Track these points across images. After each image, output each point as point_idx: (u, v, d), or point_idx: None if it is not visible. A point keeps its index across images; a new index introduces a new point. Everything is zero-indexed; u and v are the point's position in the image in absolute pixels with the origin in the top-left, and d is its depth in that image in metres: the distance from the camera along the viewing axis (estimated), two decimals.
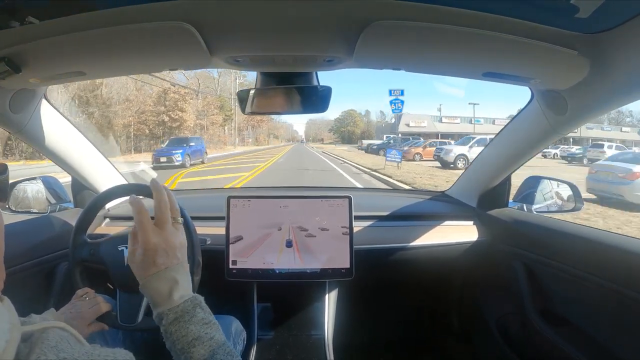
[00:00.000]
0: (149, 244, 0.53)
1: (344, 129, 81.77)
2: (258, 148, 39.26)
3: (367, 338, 1.62)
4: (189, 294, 0.54)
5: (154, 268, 0.53)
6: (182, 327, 0.51)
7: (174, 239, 0.55)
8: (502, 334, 1.25)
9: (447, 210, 1.38)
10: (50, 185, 1.26)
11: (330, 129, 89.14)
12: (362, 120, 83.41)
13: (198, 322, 0.52)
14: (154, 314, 0.54)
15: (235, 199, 1.12)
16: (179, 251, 0.56)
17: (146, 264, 0.53)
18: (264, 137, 57.44)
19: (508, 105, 78.38)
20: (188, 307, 0.53)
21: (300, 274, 1.10)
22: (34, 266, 1.00)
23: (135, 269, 0.55)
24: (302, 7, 0.56)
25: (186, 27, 0.58)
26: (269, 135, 64.30)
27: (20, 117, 0.91)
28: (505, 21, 0.57)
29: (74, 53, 0.67)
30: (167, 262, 0.54)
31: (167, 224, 0.55)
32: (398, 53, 0.71)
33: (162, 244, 0.54)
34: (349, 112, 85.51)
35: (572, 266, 0.93)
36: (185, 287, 0.55)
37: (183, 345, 0.51)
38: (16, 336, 0.32)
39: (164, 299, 0.53)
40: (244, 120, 43.29)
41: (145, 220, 0.54)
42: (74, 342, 0.37)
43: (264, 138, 57.29)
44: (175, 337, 0.51)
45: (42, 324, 0.37)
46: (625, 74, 0.63)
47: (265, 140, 57.92)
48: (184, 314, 0.52)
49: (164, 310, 0.52)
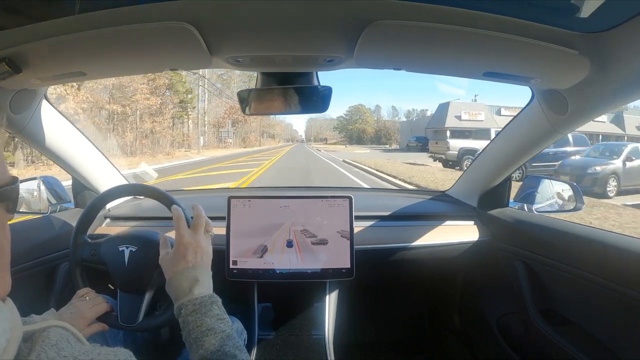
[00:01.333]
0: (182, 239, 0.64)
1: (351, 127, 74.67)
2: (240, 152, 28.47)
3: (367, 338, 1.62)
4: (208, 292, 0.62)
5: (183, 263, 0.62)
6: (198, 318, 0.57)
7: (204, 244, 0.66)
8: (502, 333, 1.25)
9: (447, 210, 1.38)
10: (50, 185, 1.26)
11: (335, 127, 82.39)
12: (372, 117, 76.70)
13: (213, 316, 0.58)
14: (174, 307, 0.60)
15: (236, 199, 1.12)
16: (206, 255, 0.66)
17: (176, 259, 0.63)
18: (254, 136, 46.49)
19: None
20: (206, 302, 0.59)
21: (301, 274, 1.10)
22: (35, 266, 1.00)
23: (165, 267, 0.64)
24: (302, 7, 0.56)
25: (186, 27, 0.58)
26: (262, 135, 53.22)
27: (20, 118, 0.91)
28: (505, 21, 0.57)
29: (75, 53, 0.67)
30: (194, 261, 0.63)
31: (200, 229, 0.67)
32: (398, 53, 0.71)
33: (193, 244, 0.64)
34: (357, 108, 77.83)
35: (573, 266, 0.93)
36: (206, 287, 0.62)
37: (197, 334, 0.56)
38: (17, 335, 0.32)
39: (185, 293, 0.60)
40: (221, 114, 34.16)
41: (183, 222, 0.67)
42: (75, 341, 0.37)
43: (254, 138, 46.12)
44: (191, 326, 0.57)
45: (43, 323, 0.37)
46: (626, 73, 0.63)
47: (257, 140, 46.90)
48: (201, 307, 0.58)
49: (184, 302, 0.59)
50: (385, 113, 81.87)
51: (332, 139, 79.22)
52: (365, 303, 1.51)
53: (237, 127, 38.82)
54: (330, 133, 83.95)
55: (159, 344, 1.06)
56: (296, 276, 1.10)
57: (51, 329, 0.36)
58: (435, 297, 1.65)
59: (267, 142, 58.50)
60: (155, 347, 1.03)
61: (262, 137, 54.19)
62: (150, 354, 1.02)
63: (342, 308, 1.23)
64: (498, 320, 1.28)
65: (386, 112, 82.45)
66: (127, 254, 0.87)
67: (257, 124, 45.42)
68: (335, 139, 77.36)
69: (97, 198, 0.94)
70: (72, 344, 0.36)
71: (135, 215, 1.29)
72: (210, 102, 33.92)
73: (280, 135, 75.46)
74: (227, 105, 34.88)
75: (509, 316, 1.23)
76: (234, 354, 0.54)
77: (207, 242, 0.68)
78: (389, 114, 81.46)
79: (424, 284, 1.58)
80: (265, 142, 57.16)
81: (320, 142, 78.21)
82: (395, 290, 1.63)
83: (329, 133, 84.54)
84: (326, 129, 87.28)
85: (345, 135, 75.72)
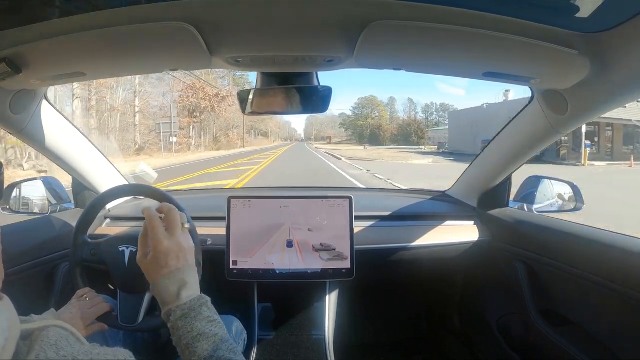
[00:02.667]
0: (161, 247, 0.57)
1: (362, 122, 62.75)
2: (195, 160, 18.18)
3: (368, 338, 1.62)
4: (196, 294, 0.58)
5: (165, 269, 0.57)
6: (188, 323, 0.54)
7: (184, 243, 0.59)
8: (503, 333, 1.25)
9: (447, 210, 1.38)
10: (50, 185, 1.26)
11: (341, 123, 69.16)
12: (386, 111, 64.82)
13: (203, 319, 0.55)
14: (162, 312, 0.57)
15: (236, 199, 1.12)
16: (189, 254, 0.60)
17: (157, 266, 0.57)
18: (237, 134, 32.94)
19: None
20: (194, 305, 0.56)
21: (301, 274, 1.10)
22: (35, 267, 1.00)
23: (145, 270, 0.58)
24: (302, 7, 0.56)
25: (187, 27, 0.58)
26: (251, 132, 39.57)
27: (20, 118, 0.91)
28: (505, 21, 0.57)
29: (75, 54, 0.67)
30: (177, 264, 0.57)
31: (177, 229, 0.59)
32: (398, 53, 0.71)
33: (174, 248, 0.57)
34: (369, 100, 65.37)
35: (573, 266, 0.93)
36: (194, 288, 0.58)
37: (188, 340, 0.53)
38: (15, 333, 0.32)
39: (173, 298, 0.56)
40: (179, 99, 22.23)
41: (157, 226, 0.58)
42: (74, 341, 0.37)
43: (237, 136, 32.41)
44: (181, 332, 0.54)
45: (42, 322, 0.37)
46: (626, 73, 0.63)
47: (241, 139, 32.98)
48: (190, 311, 0.55)
49: (172, 307, 0.55)
50: (400, 107, 71.02)
51: (336, 137, 67.69)
52: (365, 303, 1.51)
53: (202, 117, 25.31)
54: (333, 131, 73.55)
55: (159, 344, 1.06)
56: (296, 276, 1.10)
57: (50, 328, 0.36)
58: (435, 297, 1.65)
59: (258, 142, 45.07)
60: (155, 347, 1.03)
61: (251, 136, 40.51)
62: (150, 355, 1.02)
63: (342, 308, 1.23)
64: (498, 321, 1.28)
65: (402, 105, 71.77)
66: (128, 254, 0.87)
67: (241, 117, 30.20)
68: (339, 138, 66.23)
69: (97, 198, 0.95)
70: (71, 344, 0.36)
71: (136, 215, 1.29)
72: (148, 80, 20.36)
73: (276, 133, 62.96)
74: (179, 84, 22.08)
75: (509, 316, 1.23)
76: (229, 358, 0.52)
77: (187, 237, 0.61)
78: (405, 108, 70.86)
79: (424, 284, 1.58)
80: (255, 141, 44.12)
81: (322, 141, 66.84)
82: (396, 291, 1.63)
83: (331, 131, 74.57)
84: (328, 127, 76.04)
85: (353, 133, 63.51)
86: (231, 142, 30.36)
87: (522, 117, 1.03)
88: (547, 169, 11.26)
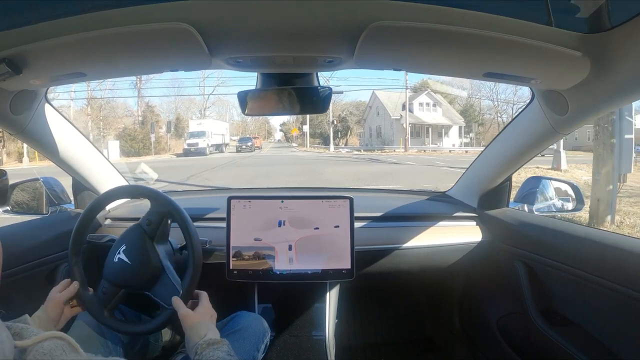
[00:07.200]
0: (200, 317, 0.77)
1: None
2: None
3: (368, 338, 1.62)
4: (218, 336, 0.74)
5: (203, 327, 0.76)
6: (211, 351, 0.68)
7: (208, 306, 0.82)
8: (503, 334, 1.25)
9: (448, 210, 1.38)
10: (50, 186, 1.26)
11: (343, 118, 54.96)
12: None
13: (224, 350, 0.69)
14: (190, 346, 0.72)
15: (236, 199, 1.12)
16: (214, 315, 0.82)
17: (198, 325, 0.75)
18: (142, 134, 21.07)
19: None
20: (217, 341, 0.70)
21: (301, 275, 1.10)
22: (35, 267, 1.00)
23: (185, 321, 0.76)
24: (302, 8, 0.56)
25: (187, 28, 0.58)
26: (172, 125, 23.93)
27: (21, 119, 0.90)
28: (505, 21, 0.57)
29: (75, 54, 0.67)
30: (210, 322, 0.79)
31: (205, 302, 0.82)
32: (399, 54, 0.71)
33: (205, 314, 0.79)
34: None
35: (574, 266, 0.93)
36: (216, 334, 0.74)
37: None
38: (9, 347, 0.32)
39: (201, 337, 0.71)
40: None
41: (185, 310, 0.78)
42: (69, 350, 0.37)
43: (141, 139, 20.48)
44: (205, 358, 0.67)
45: (38, 337, 0.37)
46: (626, 73, 0.63)
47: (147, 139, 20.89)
48: (214, 343, 0.69)
49: (199, 342, 0.70)
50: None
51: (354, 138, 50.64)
52: (365, 304, 1.51)
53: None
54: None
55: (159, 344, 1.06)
56: (296, 277, 1.10)
57: (46, 340, 0.36)
58: (435, 297, 1.65)
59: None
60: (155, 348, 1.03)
61: (171, 132, 23.88)
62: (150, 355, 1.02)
63: (342, 309, 1.23)
64: (498, 321, 1.28)
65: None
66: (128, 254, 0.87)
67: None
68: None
69: (97, 199, 0.94)
70: (66, 353, 0.36)
71: (135, 216, 1.29)
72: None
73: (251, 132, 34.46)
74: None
75: (510, 317, 1.23)
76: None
77: (208, 302, 0.82)
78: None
79: (424, 285, 1.58)
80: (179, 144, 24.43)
81: (321, 139, 60.42)
82: (396, 291, 1.63)
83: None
84: (326, 120, 65.51)
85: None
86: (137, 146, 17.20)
87: (522, 117, 1.03)
88: None
